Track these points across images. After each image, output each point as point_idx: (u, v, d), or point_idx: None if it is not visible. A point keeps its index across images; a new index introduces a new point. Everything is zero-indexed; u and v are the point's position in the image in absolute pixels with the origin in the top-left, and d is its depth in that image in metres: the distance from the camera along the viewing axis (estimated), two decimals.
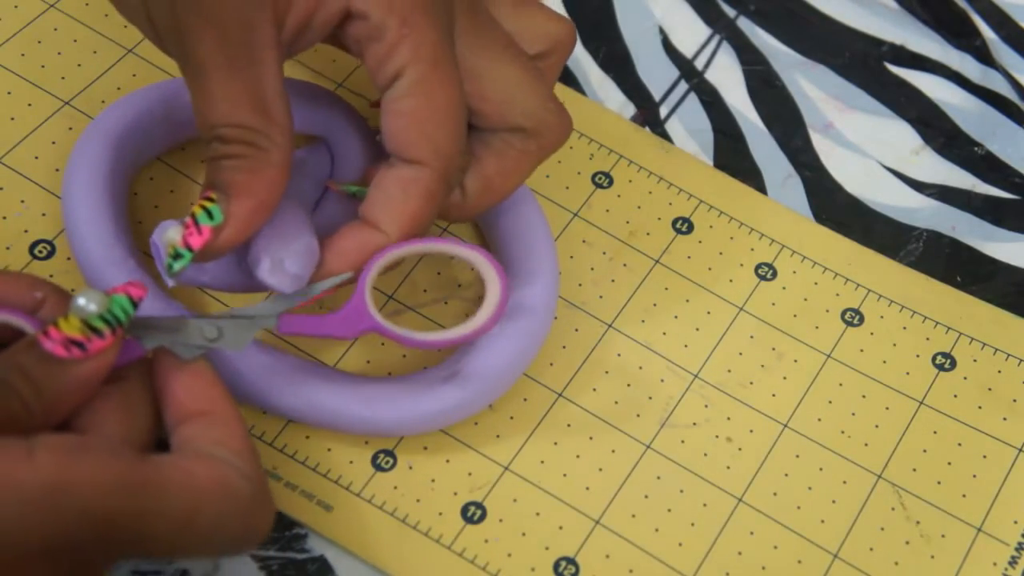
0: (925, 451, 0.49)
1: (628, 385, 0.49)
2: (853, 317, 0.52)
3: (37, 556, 0.35)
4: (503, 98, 0.45)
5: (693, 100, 0.58)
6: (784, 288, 0.52)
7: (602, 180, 0.54)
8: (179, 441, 0.39)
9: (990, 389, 0.51)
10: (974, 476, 0.49)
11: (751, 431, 0.49)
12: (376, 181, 0.44)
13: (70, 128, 0.51)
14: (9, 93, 0.51)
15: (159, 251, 0.43)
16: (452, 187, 0.44)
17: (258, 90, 0.41)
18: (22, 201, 0.49)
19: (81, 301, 0.38)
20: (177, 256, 0.42)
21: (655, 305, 0.51)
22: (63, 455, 0.35)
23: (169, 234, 0.42)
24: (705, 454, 0.48)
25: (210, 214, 0.41)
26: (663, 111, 0.57)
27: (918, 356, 0.51)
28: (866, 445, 0.49)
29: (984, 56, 0.60)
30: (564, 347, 0.49)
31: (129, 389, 0.40)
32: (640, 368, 0.49)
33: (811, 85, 0.59)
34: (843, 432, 0.49)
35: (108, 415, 0.39)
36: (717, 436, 0.48)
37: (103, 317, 0.38)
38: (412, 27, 0.42)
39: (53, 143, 0.50)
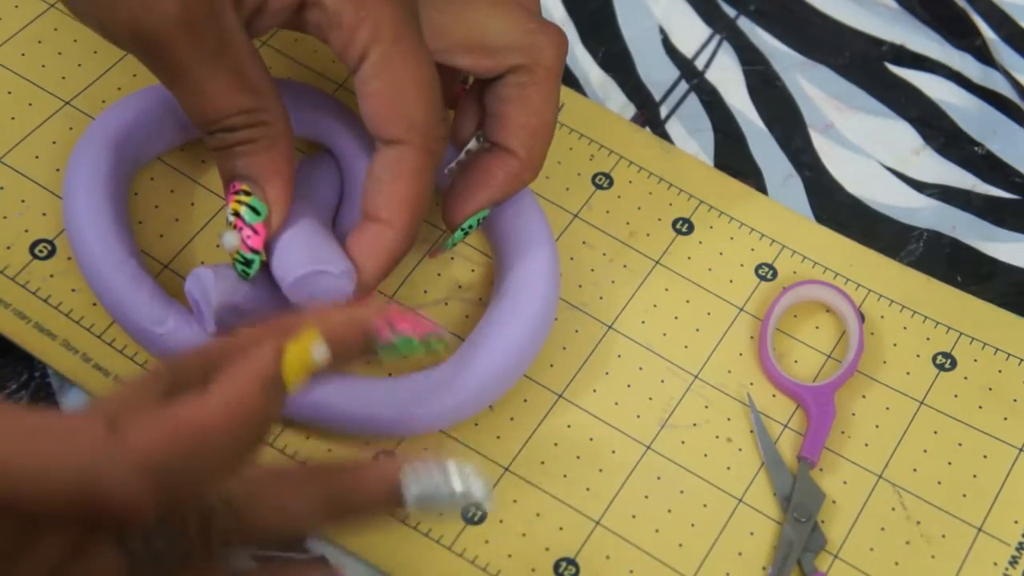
0: (925, 451, 0.49)
1: (628, 386, 0.49)
2: None
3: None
4: (481, 42, 0.45)
5: (693, 100, 0.58)
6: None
7: (602, 181, 0.54)
8: None
9: (990, 389, 0.51)
10: (974, 476, 0.49)
11: (751, 431, 0.49)
12: (367, 171, 0.44)
13: (70, 128, 0.51)
14: (9, 93, 0.51)
15: (197, 302, 0.43)
16: (438, 158, 0.44)
17: (242, 71, 0.41)
18: (22, 201, 0.49)
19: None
20: (247, 262, 0.43)
21: (655, 306, 0.51)
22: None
23: (229, 243, 0.43)
24: (705, 454, 0.48)
25: (254, 210, 0.42)
26: (663, 111, 0.57)
27: (918, 356, 0.51)
28: (866, 445, 0.49)
29: (984, 56, 0.60)
30: (564, 348, 0.49)
31: None
32: (640, 369, 0.49)
33: (811, 85, 0.59)
34: (843, 432, 0.49)
35: None
36: (717, 436, 0.48)
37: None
38: (368, 8, 0.42)
39: (53, 143, 0.50)
